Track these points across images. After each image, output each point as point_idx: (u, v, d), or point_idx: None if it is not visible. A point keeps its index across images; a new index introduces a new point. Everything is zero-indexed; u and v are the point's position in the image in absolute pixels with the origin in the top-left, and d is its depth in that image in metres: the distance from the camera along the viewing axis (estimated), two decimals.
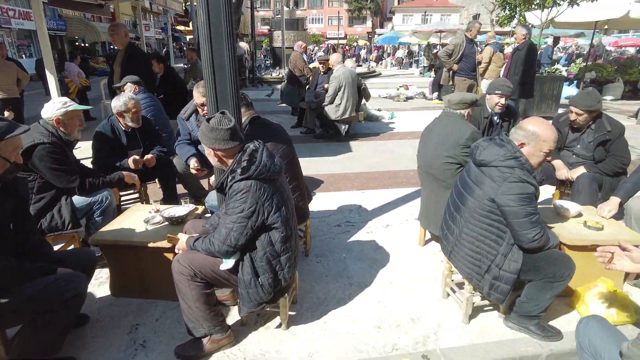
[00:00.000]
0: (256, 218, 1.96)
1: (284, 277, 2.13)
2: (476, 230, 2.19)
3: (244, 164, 1.95)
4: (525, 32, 5.82)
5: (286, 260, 2.12)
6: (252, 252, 2.06)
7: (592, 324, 1.85)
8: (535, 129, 2.09)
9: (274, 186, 2.03)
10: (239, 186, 1.94)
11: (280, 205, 2.03)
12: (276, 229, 2.03)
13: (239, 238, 1.97)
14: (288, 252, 2.12)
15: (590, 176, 3.18)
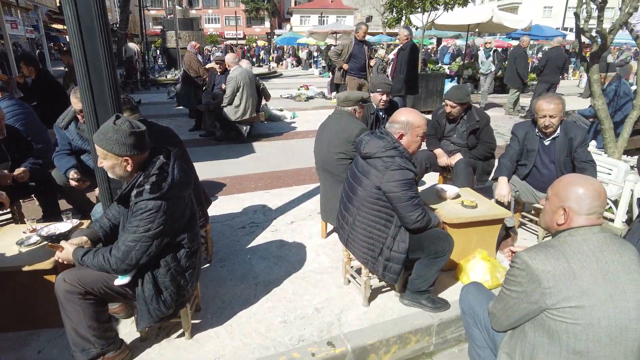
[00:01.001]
0: (162, 238, 1.85)
1: (187, 291, 2.06)
2: (367, 217, 2.34)
3: (153, 179, 1.79)
4: (407, 33, 6.33)
5: (190, 275, 2.05)
6: (155, 269, 1.94)
7: (471, 289, 2.08)
8: (407, 118, 2.30)
9: (184, 201, 1.94)
10: (147, 205, 1.79)
11: (189, 220, 1.95)
12: (183, 246, 1.95)
13: (140, 257, 1.84)
14: (193, 266, 2.06)
15: (466, 161, 3.58)
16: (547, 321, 1.47)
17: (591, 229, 1.50)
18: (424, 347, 2.46)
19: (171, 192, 1.81)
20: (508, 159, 3.25)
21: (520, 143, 3.27)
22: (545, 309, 1.46)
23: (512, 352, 1.62)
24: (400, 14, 13.94)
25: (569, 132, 3.13)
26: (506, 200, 3.07)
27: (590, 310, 1.39)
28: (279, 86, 14.80)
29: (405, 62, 6.15)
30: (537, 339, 1.51)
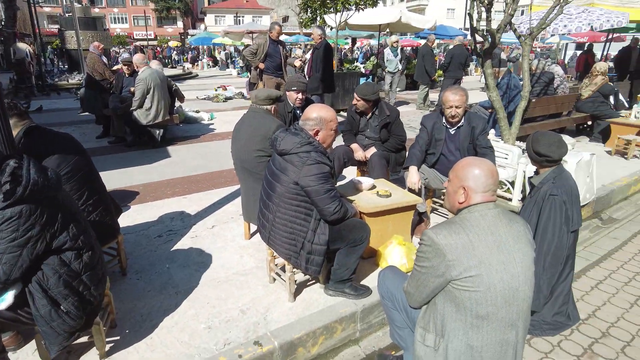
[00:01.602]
0: (34, 245, 1.67)
1: (92, 296, 1.89)
2: (287, 213, 2.35)
3: (6, 187, 1.61)
4: (321, 33, 6.47)
5: (90, 277, 1.89)
6: (42, 280, 1.76)
7: (387, 273, 2.19)
8: (319, 114, 2.35)
9: (55, 203, 1.77)
10: (4, 215, 1.61)
11: (67, 222, 1.78)
12: (68, 249, 1.78)
13: (11, 271, 1.65)
14: (91, 267, 1.89)
15: (380, 154, 3.75)
16: (453, 291, 1.59)
17: (487, 205, 1.65)
18: (350, 334, 2.53)
19: (31, 195, 1.66)
20: (418, 148, 3.46)
21: (428, 133, 3.50)
22: (450, 280, 1.58)
23: (426, 325, 1.73)
24: (314, 14, 14.19)
25: (472, 122, 3.42)
26: (417, 188, 3.27)
27: (487, 277, 1.54)
28: (195, 87, 14.29)
29: (321, 61, 6.27)
30: (446, 309, 1.64)
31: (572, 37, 21.12)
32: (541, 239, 2.53)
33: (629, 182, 5.07)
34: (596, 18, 6.88)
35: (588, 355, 2.48)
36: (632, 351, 2.52)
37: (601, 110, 6.71)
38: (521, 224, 1.70)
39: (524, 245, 1.63)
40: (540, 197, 2.57)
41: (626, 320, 2.80)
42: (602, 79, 6.75)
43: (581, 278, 3.30)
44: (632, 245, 3.88)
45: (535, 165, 2.70)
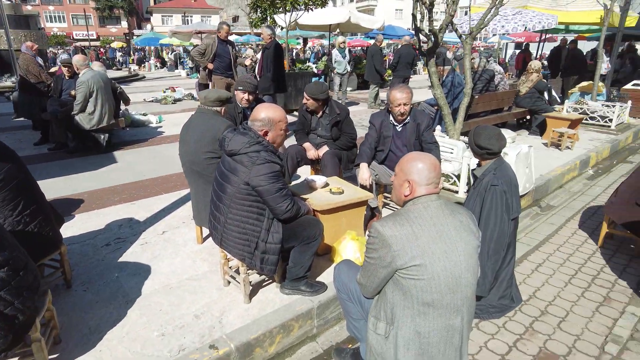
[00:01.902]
0: None
1: (17, 310, 1.75)
2: (239, 213, 2.34)
3: None
4: (270, 33, 6.44)
5: (12, 292, 1.73)
6: None
7: (342, 267, 2.23)
8: (267, 115, 2.35)
9: None
10: None
11: None
12: None
13: None
14: (13, 279, 1.75)
15: (332, 152, 3.81)
16: (400, 280, 1.66)
17: (430, 197, 1.73)
18: (307, 331, 2.56)
19: None
20: (367, 146, 3.55)
21: (377, 131, 3.59)
22: (397, 269, 1.64)
23: (378, 314, 1.79)
24: (264, 14, 14.11)
25: (417, 119, 3.55)
26: (368, 184, 3.36)
27: (431, 266, 1.61)
28: (142, 90, 13.78)
29: (271, 60, 6.25)
30: (395, 297, 1.70)
31: (511, 37, 22.38)
32: (484, 227, 2.68)
33: (563, 171, 5.46)
34: (529, 19, 7.34)
35: (529, 333, 2.66)
36: (567, 325, 2.73)
37: (538, 105, 7.18)
38: (464, 214, 1.79)
39: (466, 235, 1.72)
40: (482, 188, 2.72)
41: (562, 298, 3.02)
42: (537, 75, 7.23)
43: (523, 262, 3.53)
44: (566, 229, 4.19)
45: (477, 157, 2.85)
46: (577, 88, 9.14)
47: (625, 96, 8.83)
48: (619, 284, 3.22)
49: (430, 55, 4.28)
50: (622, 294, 3.10)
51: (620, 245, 3.82)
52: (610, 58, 9.57)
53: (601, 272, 3.39)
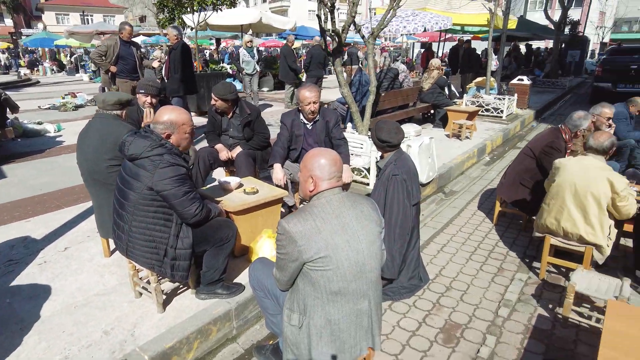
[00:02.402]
0: None
1: None
2: (144, 220, 2.25)
3: None
4: (176, 33, 6.21)
5: None
6: None
7: (256, 265, 2.26)
8: (169, 117, 2.29)
9: None
10: None
11: None
12: None
13: None
14: None
15: (245, 153, 3.79)
16: (309, 272, 1.73)
17: (332, 190, 1.82)
18: (227, 333, 2.54)
19: None
20: (280, 145, 3.60)
21: (288, 130, 3.66)
22: (304, 262, 1.71)
23: (291, 306, 1.84)
24: (172, 13, 13.53)
25: (326, 116, 3.67)
26: (282, 183, 3.41)
27: (335, 256, 1.70)
28: (37, 96, 12.48)
29: (179, 61, 6.03)
30: (305, 289, 1.77)
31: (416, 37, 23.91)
32: (389, 214, 2.86)
33: (463, 159, 6.00)
34: (428, 20, 7.94)
35: (436, 308, 2.90)
36: (468, 297, 3.02)
37: (439, 100, 7.79)
38: (365, 204, 1.89)
39: (368, 223, 1.83)
40: (385, 178, 2.91)
41: (464, 273, 3.34)
42: (438, 72, 7.84)
43: (430, 244, 3.83)
44: (467, 211, 4.62)
45: (380, 150, 3.03)
46: (473, 83, 10.07)
47: (512, 90, 9.92)
48: (509, 255, 3.64)
49: (335, 55, 4.45)
50: (512, 263, 3.51)
51: (511, 221, 4.31)
52: (497, 56, 10.66)
53: (496, 247, 3.80)
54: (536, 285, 3.19)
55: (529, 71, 16.74)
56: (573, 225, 2.94)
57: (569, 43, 19.26)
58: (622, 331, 1.94)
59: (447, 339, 2.59)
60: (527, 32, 16.12)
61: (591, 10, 35.41)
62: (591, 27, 36.31)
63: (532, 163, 3.79)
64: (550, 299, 3.01)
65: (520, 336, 2.63)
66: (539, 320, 2.78)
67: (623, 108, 5.43)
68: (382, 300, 2.05)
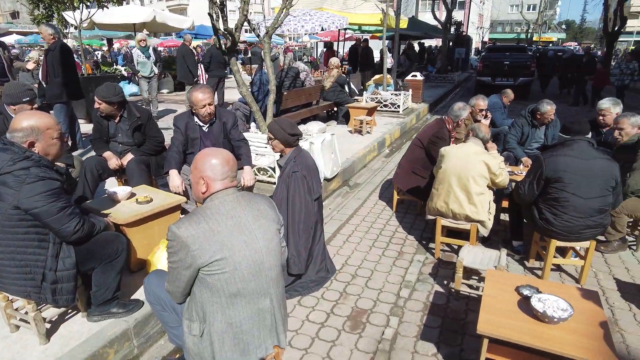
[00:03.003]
0: None
1: None
2: (12, 244, 1.98)
3: None
4: (52, 32, 5.56)
5: None
6: None
7: (151, 278, 2.12)
8: (29, 123, 2.04)
9: None
10: None
11: None
12: None
13: None
14: None
15: (137, 159, 3.55)
16: (205, 277, 1.67)
17: (226, 191, 1.77)
18: (127, 353, 2.36)
19: None
20: (175, 150, 3.43)
21: (183, 134, 3.49)
22: (199, 268, 1.65)
23: (190, 316, 1.77)
24: (49, 10, 12.19)
25: (222, 117, 3.58)
26: (180, 190, 3.25)
27: (231, 258, 1.66)
28: None
29: (58, 64, 5.42)
30: (203, 295, 1.70)
31: (319, 36, 24.46)
32: (292, 210, 2.89)
33: (365, 153, 6.29)
34: (324, 20, 8.16)
35: (343, 297, 3.00)
36: (372, 283, 3.18)
37: (341, 97, 8.05)
38: (261, 203, 1.88)
39: (265, 221, 1.81)
40: (286, 175, 2.93)
41: (368, 260, 3.50)
42: (337, 71, 8.10)
43: (336, 237, 3.95)
44: (370, 201, 4.85)
45: (285, 146, 3.02)
46: (372, 80, 10.60)
47: (407, 85, 10.64)
48: (408, 239, 3.90)
49: (231, 55, 4.36)
50: (411, 246, 3.77)
51: (409, 207, 4.62)
52: (392, 54, 11.35)
53: (396, 232, 4.04)
54: (432, 264, 3.46)
55: (423, 68, 18.10)
56: (460, 206, 3.23)
57: (455, 42, 21.23)
58: (498, 296, 2.19)
59: (354, 326, 2.70)
60: (418, 32, 17.44)
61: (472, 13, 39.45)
62: (473, 28, 40.45)
63: (421, 153, 4.11)
64: (445, 275, 3.29)
65: (420, 313, 2.83)
66: (436, 296, 3.02)
67: (498, 99, 6.14)
68: (285, 297, 2.06)
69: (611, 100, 4.21)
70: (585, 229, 2.93)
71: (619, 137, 3.59)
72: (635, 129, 3.51)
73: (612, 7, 19.90)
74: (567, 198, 2.90)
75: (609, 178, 2.89)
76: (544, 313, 1.89)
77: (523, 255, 3.49)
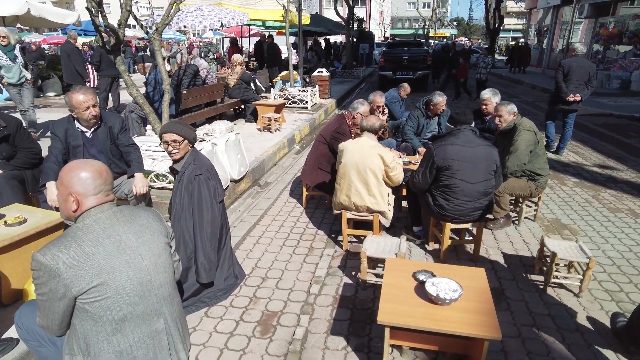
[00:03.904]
0: None
1: None
2: None
3: None
4: None
5: None
6: None
7: (23, 311, 1.87)
8: None
9: None
10: None
11: None
12: None
13: None
14: None
15: (7, 175, 3.11)
16: (84, 306, 1.48)
17: (101, 207, 1.58)
18: None
19: None
20: (53, 160, 3.05)
21: (62, 141, 3.12)
22: (75, 297, 1.46)
23: (71, 350, 1.57)
24: None
25: (108, 121, 3.26)
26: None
27: (113, 282, 1.49)
28: None
29: None
30: (85, 325, 1.52)
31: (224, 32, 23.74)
32: (199, 216, 2.73)
33: (274, 150, 6.23)
34: (224, 16, 7.89)
35: (253, 302, 2.92)
36: (283, 283, 3.14)
37: (247, 95, 7.89)
38: (146, 216, 1.71)
39: (151, 236, 1.66)
40: (187, 180, 2.75)
41: (278, 261, 3.46)
42: (241, 68, 7.91)
43: (246, 239, 3.84)
44: (280, 200, 4.81)
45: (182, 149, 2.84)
46: (279, 77, 10.55)
47: (314, 82, 10.78)
48: (318, 234, 3.94)
49: (115, 53, 4.00)
50: (321, 241, 3.80)
51: (319, 202, 4.67)
52: (297, 50, 11.41)
53: (306, 229, 4.06)
54: (341, 257, 3.52)
55: (330, 63, 18.52)
56: (360, 198, 3.32)
57: (359, 37, 22.04)
58: (396, 283, 2.28)
59: (264, 331, 2.63)
60: (323, 28, 17.76)
61: (373, 9, 41.28)
62: (375, 24, 42.39)
63: (325, 149, 4.16)
64: (353, 267, 3.37)
65: (330, 308, 2.86)
66: (344, 289, 3.08)
67: (396, 92, 6.45)
68: (184, 314, 1.92)
69: (491, 91, 4.66)
70: (474, 211, 3.19)
71: (499, 123, 3.96)
72: (511, 116, 3.90)
73: (492, 7, 22.18)
74: (457, 184, 3.13)
75: (490, 162, 3.17)
76: (437, 296, 2.00)
77: (423, 239, 3.71)
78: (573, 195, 4.85)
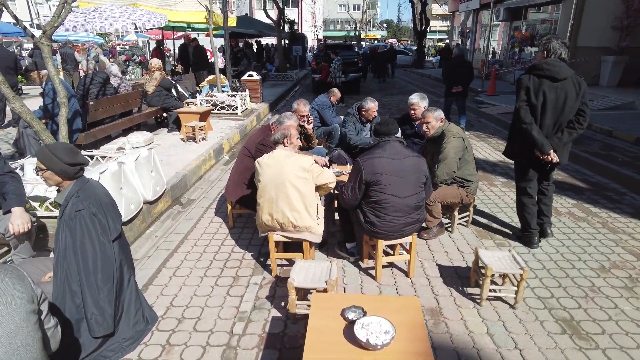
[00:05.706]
0: None
1: None
2: None
3: None
4: None
5: None
6: None
7: None
8: None
9: None
10: None
11: None
12: None
13: None
14: None
15: None
16: None
17: None
18: None
19: None
20: None
21: None
22: None
23: None
24: None
25: None
26: None
27: None
28: None
29: None
30: None
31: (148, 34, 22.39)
32: (83, 260, 2.28)
33: (199, 163, 5.74)
34: (138, 17, 7.21)
35: (166, 351, 2.50)
36: (202, 324, 2.74)
37: (168, 102, 7.28)
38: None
39: (3, 308, 1.26)
40: (67, 216, 2.28)
41: (197, 296, 3.04)
42: (160, 73, 7.28)
43: (161, 271, 3.37)
44: (204, 220, 4.36)
45: (61, 177, 2.35)
46: (205, 82, 9.97)
47: (244, 86, 10.32)
48: (245, 259, 3.57)
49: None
50: (248, 267, 3.44)
51: (247, 221, 4.29)
52: (225, 54, 10.87)
53: (232, 253, 3.67)
54: (270, 285, 3.19)
55: (262, 66, 18.06)
56: (283, 215, 3.01)
57: (291, 39, 21.77)
58: (323, 325, 1.99)
59: None
60: (253, 30, 17.27)
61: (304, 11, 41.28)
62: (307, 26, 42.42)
63: (250, 162, 3.79)
64: (283, 295, 3.04)
65: (255, 350, 2.52)
66: (272, 325, 2.75)
67: (326, 98, 6.23)
68: None
69: (419, 95, 4.56)
70: (406, 226, 3.01)
71: (427, 130, 3.84)
72: (439, 122, 3.79)
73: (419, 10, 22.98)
74: (387, 199, 2.92)
75: (420, 175, 3.00)
76: (367, 342, 1.74)
77: (357, 256, 3.49)
78: (502, 197, 4.91)
